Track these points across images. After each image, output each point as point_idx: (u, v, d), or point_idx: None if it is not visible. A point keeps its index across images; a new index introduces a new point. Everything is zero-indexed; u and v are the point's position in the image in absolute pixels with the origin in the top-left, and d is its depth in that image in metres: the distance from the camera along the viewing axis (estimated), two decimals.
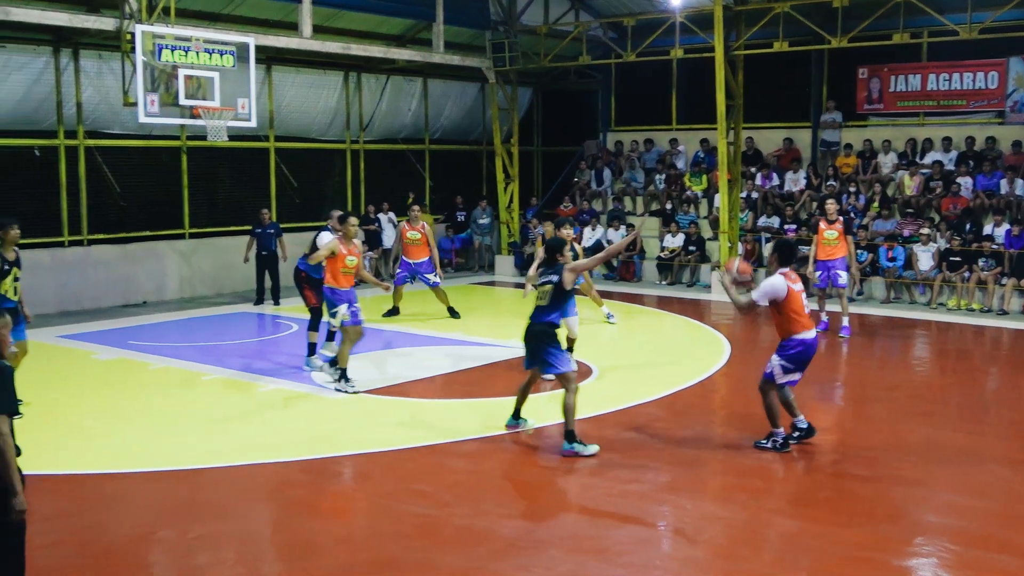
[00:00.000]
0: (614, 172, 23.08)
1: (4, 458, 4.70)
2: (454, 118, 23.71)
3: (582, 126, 25.20)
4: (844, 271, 14.30)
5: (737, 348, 13.57)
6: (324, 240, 11.85)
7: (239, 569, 6.39)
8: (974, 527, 7.10)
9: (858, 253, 16.92)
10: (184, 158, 18.17)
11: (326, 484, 8.21)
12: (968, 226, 17.52)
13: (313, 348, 12.14)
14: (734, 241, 18.52)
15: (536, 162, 26.09)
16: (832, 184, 19.32)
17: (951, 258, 17.00)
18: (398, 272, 15.88)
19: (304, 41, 17.64)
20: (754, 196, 20.32)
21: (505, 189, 22.35)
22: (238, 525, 7.13)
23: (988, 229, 17.37)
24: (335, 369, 10.93)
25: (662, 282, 20.10)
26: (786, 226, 19.22)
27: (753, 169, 20.89)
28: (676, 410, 10.27)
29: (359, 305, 10.95)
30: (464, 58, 21.06)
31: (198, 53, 14.92)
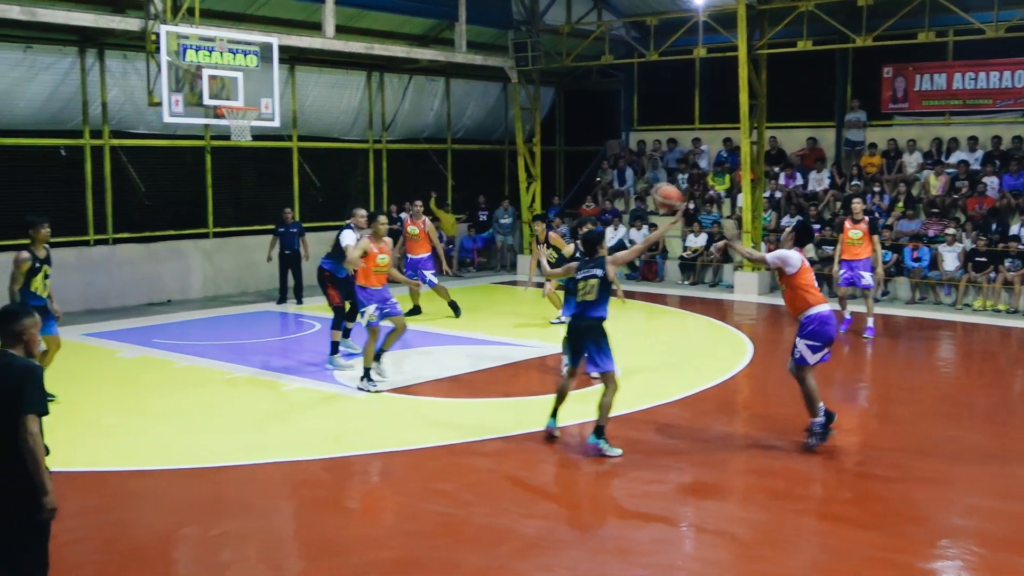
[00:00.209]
0: (636, 172, 23.02)
1: (35, 457, 4.74)
2: (476, 118, 23.74)
3: (604, 126, 25.14)
4: (868, 272, 14.14)
5: (760, 348, 13.48)
6: (347, 238, 11.83)
7: (262, 567, 6.42)
8: (1000, 530, 7.03)
9: (883, 253, 16.78)
10: (208, 158, 18.29)
11: (348, 483, 8.25)
12: (994, 226, 17.35)
13: (336, 347, 12.16)
14: (757, 241, 18.43)
15: (558, 162, 26.08)
16: (856, 184, 19.18)
17: (977, 258, 16.85)
18: (406, 271, 15.76)
19: (327, 41, 17.73)
20: (777, 196, 20.22)
21: (527, 189, 22.38)
22: (261, 523, 7.16)
23: (1014, 229, 17.19)
24: (378, 364, 10.90)
25: (684, 282, 20.05)
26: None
27: (776, 169, 20.79)
28: (699, 410, 10.22)
29: (395, 299, 10.95)
30: (486, 58, 21.08)
31: (222, 53, 15.05)
